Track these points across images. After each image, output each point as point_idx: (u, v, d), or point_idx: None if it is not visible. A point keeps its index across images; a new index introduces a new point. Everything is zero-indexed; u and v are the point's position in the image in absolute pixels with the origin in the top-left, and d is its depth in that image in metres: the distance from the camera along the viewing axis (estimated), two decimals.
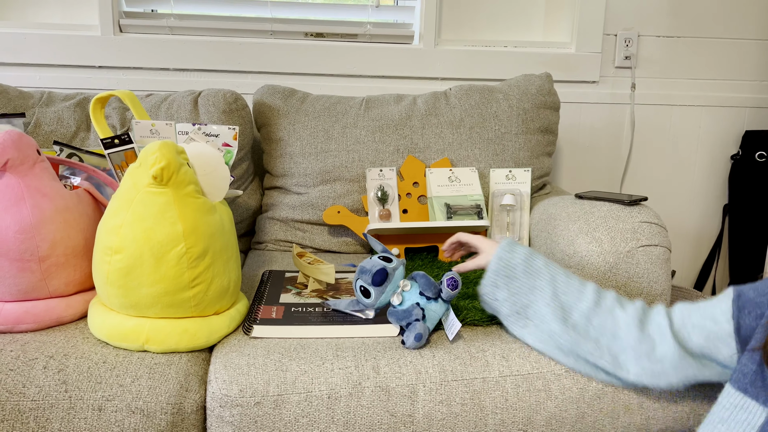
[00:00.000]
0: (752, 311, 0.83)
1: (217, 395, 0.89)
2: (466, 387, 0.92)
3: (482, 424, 0.92)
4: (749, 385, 0.80)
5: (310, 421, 0.90)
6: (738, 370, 0.82)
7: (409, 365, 0.93)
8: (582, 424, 0.94)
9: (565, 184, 1.97)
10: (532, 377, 0.93)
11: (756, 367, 0.79)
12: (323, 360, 0.93)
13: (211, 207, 0.96)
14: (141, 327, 0.93)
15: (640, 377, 0.88)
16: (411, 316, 0.98)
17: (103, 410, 0.87)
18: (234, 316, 1.02)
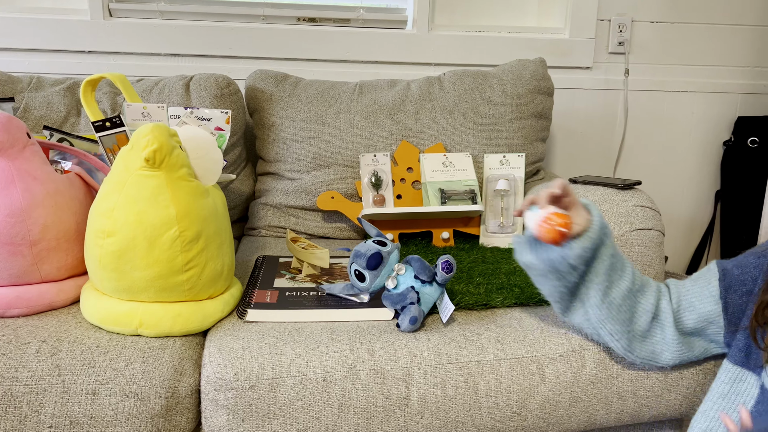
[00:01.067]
0: (738, 289, 0.84)
1: (212, 379, 0.89)
2: (461, 370, 0.92)
3: (476, 406, 0.92)
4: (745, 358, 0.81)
5: (305, 404, 0.90)
6: (735, 346, 0.83)
7: (404, 348, 0.93)
8: (575, 409, 0.94)
9: (559, 170, 1.97)
10: (526, 361, 0.93)
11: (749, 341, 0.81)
12: (318, 343, 0.93)
13: (204, 190, 0.96)
14: (134, 311, 0.92)
15: (643, 359, 0.89)
16: (406, 299, 0.98)
17: (97, 394, 0.86)
18: (228, 301, 1.01)
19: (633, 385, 0.93)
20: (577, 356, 0.93)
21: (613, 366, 0.93)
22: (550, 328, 0.97)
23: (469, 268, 1.22)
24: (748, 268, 0.83)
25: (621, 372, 0.93)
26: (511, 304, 1.05)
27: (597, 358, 0.93)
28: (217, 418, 0.90)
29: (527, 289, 1.08)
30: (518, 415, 0.93)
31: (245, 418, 0.89)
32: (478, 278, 1.15)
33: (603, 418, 0.95)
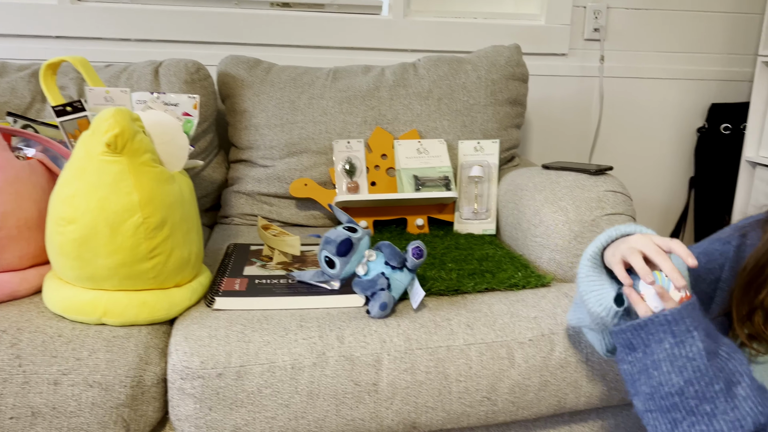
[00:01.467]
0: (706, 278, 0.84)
1: (178, 367, 0.88)
2: (431, 355, 0.92)
3: (446, 391, 0.92)
4: None
5: (274, 392, 0.89)
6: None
7: (373, 334, 0.92)
8: (545, 393, 0.94)
9: (534, 157, 1.97)
10: (496, 345, 0.93)
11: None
12: (287, 330, 0.92)
13: (169, 176, 0.94)
14: (98, 300, 0.90)
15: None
16: (376, 285, 0.97)
17: (59, 384, 0.85)
18: (196, 289, 1.00)
19: (602, 369, 0.94)
20: (546, 341, 0.93)
21: (582, 350, 0.93)
22: (519, 312, 0.97)
23: (442, 254, 1.21)
24: (714, 256, 0.84)
25: (590, 356, 0.93)
26: (482, 289, 1.05)
27: (566, 343, 0.93)
28: (184, 407, 0.89)
29: (498, 275, 1.08)
30: (488, 399, 0.93)
31: (213, 407, 0.88)
32: (450, 264, 1.14)
33: (573, 401, 0.95)
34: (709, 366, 0.64)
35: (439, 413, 0.93)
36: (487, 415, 0.94)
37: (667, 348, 0.66)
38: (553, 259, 1.14)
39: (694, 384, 0.64)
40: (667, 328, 0.66)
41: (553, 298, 1.00)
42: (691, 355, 0.65)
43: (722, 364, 0.65)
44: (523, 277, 1.07)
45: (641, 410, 0.69)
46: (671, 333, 0.66)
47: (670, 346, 0.66)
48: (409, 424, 0.93)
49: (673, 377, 0.65)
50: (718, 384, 0.63)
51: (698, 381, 0.64)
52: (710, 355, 0.64)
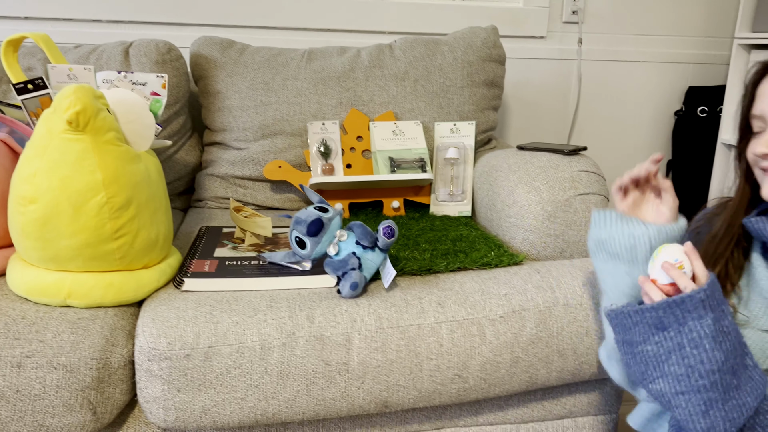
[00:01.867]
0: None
1: (145, 349, 0.86)
2: (402, 334, 0.91)
3: (417, 369, 0.91)
4: None
5: (243, 372, 0.88)
6: None
7: (344, 314, 0.92)
8: (516, 369, 0.94)
9: (512, 140, 1.97)
10: (467, 323, 0.93)
11: None
12: (256, 311, 0.91)
13: (134, 156, 0.92)
14: (62, 281, 0.89)
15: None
16: (347, 265, 0.96)
17: (23, 367, 0.83)
18: (165, 270, 0.98)
19: (573, 343, 0.94)
20: (517, 317, 0.93)
21: (553, 325, 0.93)
22: (491, 290, 0.96)
23: (416, 235, 1.21)
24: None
25: (561, 330, 0.93)
26: (454, 268, 1.05)
27: (537, 318, 0.93)
28: (152, 389, 0.88)
29: (472, 254, 1.08)
30: (459, 377, 0.93)
31: (181, 388, 0.87)
32: (424, 245, 1.14)
33: (544, 377, 0.95)
34: (737, 340, 0.63)
35: (410, 392, 0.92)
36: (458, 392, 0.94)
37: (709, 323, 0.63)
38: (527, 239, 1.14)
39: (730, 359, 0.62)
40: (707, 304, 0.64)
41: (524, 275, 1.00)
42: (727, 330, 0.63)
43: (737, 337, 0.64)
44: (495, 256, 1.07)
45: (669, 392, 0.66)
46: (710, 308, 0.64)
47: (713, 321, 0.63)
48: (381, 404, 0.93)
49: (716, 354, 0.62)
50: (741, 356, 0.63)
51: (734, 355, 0.63)
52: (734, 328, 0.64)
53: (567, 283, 0.97)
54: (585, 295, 0.95)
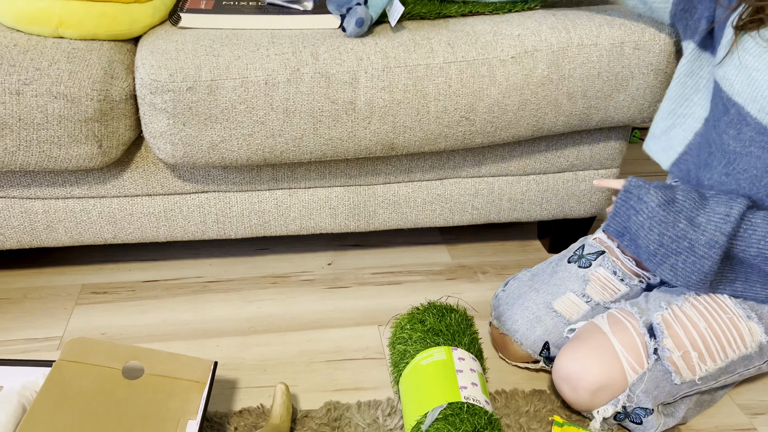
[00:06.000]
0: None
1: (146, 81, 0.84)
2: (409, 73, 0.89)
3: (424, 110, 0.90)
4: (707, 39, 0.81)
5: (248, 108, 0.86)
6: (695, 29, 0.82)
7: (350, 52, 0.88)
8: (524, 112, 0.93)
9: None
10: (477, 63, 0.90)
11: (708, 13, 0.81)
12: (258, 46, 0.87)
13: None
14: (52, 7, 0.83)
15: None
16: (351, 1, 0.90)
17: (21, 94, 0.81)
18: (158, 7, 0.93)
19: (584, 86, 0.92)
20: (529, 57, 0.90)
21: (565, 66, 0.90)
22: (503, 31, 0.92)
23: None
24: None
25: (572, 72, 0.91)
26: (466, 12, 0.99)
27: (550, 59, 0.90)
28: (158, 123, 0.87)
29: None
30: (466, 119, 0.92)
31: (186, 122, 0.86)
32: None
33: (551, 121, 0.95)
34: (667, 214, 0.76)
35: (416, 133, 0.92)
36: (464, 136, 0.94)
37: (633, 219, 0.79)
38: None
39: (665, 234, 0.77)
40: (627, 206, 0.80)
41: (539, 17, 0.95)
42: (651, 214, 0.77)
43: (681, 206, 0.76)
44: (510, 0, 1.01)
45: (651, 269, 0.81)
46: (631, 208, 0.79)
47: (635, 216, 0.79)
48: (387, 145, 0.93)
49: (650, 237, 0.78)
50: (681, 223, 0.76)
51: (666, 230, 0.77)
52: (666, 205, 0.77)
53: (583, 24, 0.92)
54: (601, 35, 0.91)
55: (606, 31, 0.91)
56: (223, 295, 1.08)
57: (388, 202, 1.07)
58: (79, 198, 0.98)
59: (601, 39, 0.91)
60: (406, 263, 1.18)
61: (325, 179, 1.03)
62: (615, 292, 0.90)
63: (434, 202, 1.08)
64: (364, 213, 1.07)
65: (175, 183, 0.99)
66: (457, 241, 1.25)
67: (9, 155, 0.85)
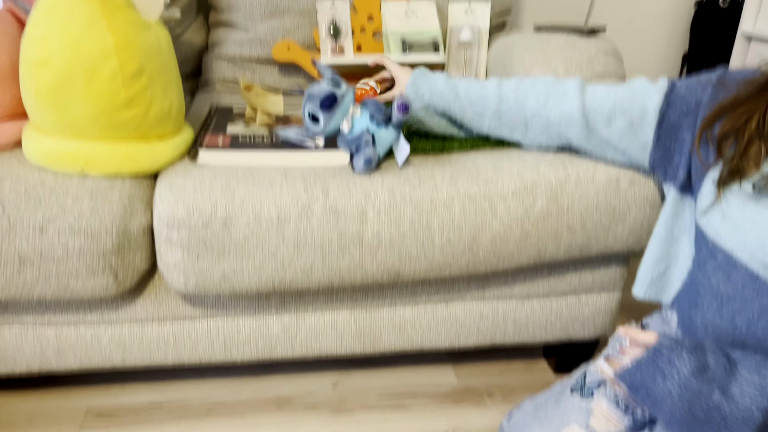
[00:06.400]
0: (679, 107, 0.84)
1: (164, 216, 0.88)
2: (415, 208, 0.93)
3: (429, 242, 0.94)
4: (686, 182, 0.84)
5: (260, 242, 0.90)
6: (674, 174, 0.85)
7: (358, 188, 0.93)
8: (525, 244, 0.97)
9: (527, 20, 1.91)
10: (479, 198, 0.94)
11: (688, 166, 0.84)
12: (272, 183, 0.92)
13: (145, 24, 0.89)
14: (79, 150, 0.89)
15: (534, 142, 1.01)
16: (361, 141, 0.96)
17: (45, 231, 0.85)
18: (178, 144, 0.99)
19: (582, 219, 0.96)
20: (528, 193, 0.94)
21: (563, 201, 0.95)
22: (503, 166, 0.97)
23: None
24: (695, 90, 0.83)
25: (571, 206, 0.95)
26: (467, 148, 1.05)
27: (549, 194, 0.94)
28: (172, 256, 0.90)
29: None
30: (470, 250, 0.95)
31: (200, 255, 0.90)
32: None
33: (552, 252, 0.98)
34: (701, 384, 0.69)
35: (422, 263, 0.95)
36: (468, 265, 0.97)
37: (660, 384, 0.71)
38: None
39: (696, 404, 0.69)
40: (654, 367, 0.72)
41: (537, 153, 1.00)
42: (683, 382, 0.70)
43: (713, 374, 0.69)
44: None
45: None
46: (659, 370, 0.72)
47: (662, 382, 0.71)
48: (393, 273, 0.96)
49: (678, 405, 0.70)
50: (715, 394, 0.68)
51: (698, 401, 0.69)
52: (699, 372, 0.70)
53: (579, 160, 0.97)
54: (597, 171, 0.96)
55: (602, 167, 0.96)
56: (227, 420, 1.08)
57: (394, 325, 1.08)
58: (91, 323, 1.00)
59: (598, 175, 0.96)
60: (412, 384, 1.18)
61: (332, 303, 1.05)
62: (619, 423, 0.89)
63: (439, 325, 1.09)
64: (370, 336, 1.09)
65: (185, 308, 1.01)
66: (462, 360, 1.25)
67: (28, 287, 0.88)
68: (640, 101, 0.88)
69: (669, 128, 0.85)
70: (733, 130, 0.75)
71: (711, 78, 0.83)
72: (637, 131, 0.89)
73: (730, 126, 0.75)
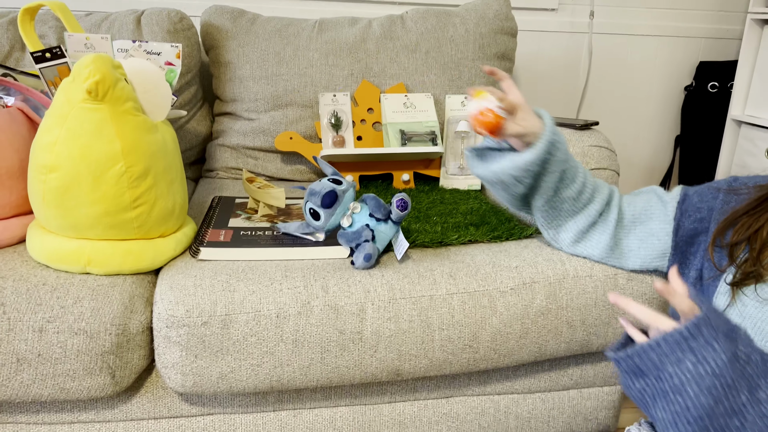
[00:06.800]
0: (692, 215, 0.86)
1: (163, 316, 0.88)
2: (414, 304, 0.93)
3: (429, 339, 0.93)
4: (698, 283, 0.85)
5: (259, 340, 0.90)
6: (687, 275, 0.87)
7: (358, 284, 0.93)
8: (526, 340, 0.96)
9: None
10: (478, 294, 0.94)
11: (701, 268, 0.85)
12: (272, 280, 0.93)
13: (152, 126, 0.93)
14: (82, 249, 0.90)
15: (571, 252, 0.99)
16: (361, 237, 0.97)
17: (44, 331, 0.85)
18: (180, 239, 1.00)
19: (582, 315, 0.96)
20: (527, 289, 0.95)
21: (563, 297, 0.95)
22: (502, 262, 0.98)
23: (427, 208, 1.22)
24: (707, 197, 0.86)
25: (570, 302, 0.95)
26: (465, 241, 1.06)
27: (547, 291, 0.95)
28: (170, 355, 0.90)
29: (482, 227, 1.09)
30: (470, 347, 0.95)
31: (198, 354, 0.89)
32: (435, 218, 1.15)
33: (553, 348, 0.97)
34: (735, 377, 0.57)
35: (422, 361, 0.95)
36: (469, 362, 0.96)
37: (690, 368, 0.58)
38: None
39: (723, 401, 0.57)
40: (686, 346, 0.58)
41: (535, 248, 1.01)
42: (718, 371, 0.57)
43: (742, 368, 0.58)
44: (506, 229, 1.08)
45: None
46: (690, 351, 0.58)
47: (693, 365, 0.58)
48: (393, 371, 0.95)
49: (701, 399, 0.57)
50: (744, 394, 0.57)
51: (727, 397, 0.57)
52: (732, 362, 0.58)
53: (577, 256, 0.98)
54: (595, 267, 0.97)
55: (599, 263, 0.97)
56: None
57: (394, 422, 1.06)
58: (86, 422, 0.98)
59: (596, 270, 0.97)
60: None
61: (330, 399, 1.03)
62: None
63: (440, 422, 1.07)
64: None
65: (182, 406, 0.99)
66: None
67: (24, 388, 0.87)
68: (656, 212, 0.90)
69: (685, 236, 0.87)
70: (744, 237, 0.77)
71: (721, 184, 0.86)
72: (654, 241, 0.91)
73: (742, 234, 0.77)
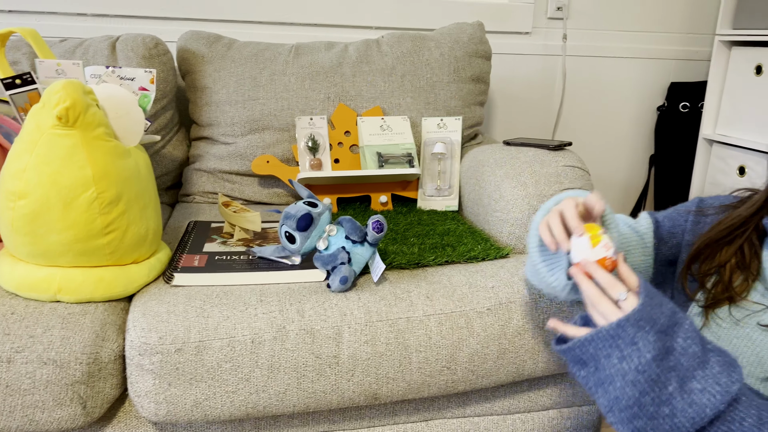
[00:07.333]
0: (668, 241, 0.88)
1: (136, 343, 0.87)
2: (391, 327, 0.92)
3: (407, 362, 0.93)
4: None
5: (234, 366, 0.88)
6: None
7: (334, 308, 0.93)
8: (503, 360, 0.96)
9: (498, 135, 1.99)
10: (455, 316, 0.94)
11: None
12: (246, 305, 0.92)
13: (124, 151, 0.92)
14: (52, 277, 0.89)
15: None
16: (337, 260, 0.97)
17: (12, 362, 0.83)
18: (154, 265, 0.99)
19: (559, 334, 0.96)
20: (504, 309, 0.95)
21: (539, 317, 0.95)
22: (478, 283, 0.98)
23: (404, 230, 1.22)
24: (678, 221, 0.87)
25: (547, 322, 0.95)
26: (442, 262, 1.06)
27: (524, 310, 0.95)
28: (143, 383, 0.88)
29: (459, 248, 1.09)
30: (448, 368, 0.94)
31: (172, 382, 0.88)
32: (412, 239, 1.15)
33: (531, 368, 0.97)
34: (660, 372, 0.63)
35: (400, 384, 0.94)
36: (447, 384, 0.95)
37: (615, 363, 0.65)
38: (513, 233, 1.15)
39: (648, 393, 0.63)
40: (612, 343, 0.65)
41: (511, 267, 1.02)
42: (641, 368, 0.63)
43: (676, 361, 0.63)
44: (482, 249, 1.09)
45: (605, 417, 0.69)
46: (617, 347, 0.65)
47: (618, 361, 0.64)
48: (371, 395, 0.94)
49: (627, 390, 0.64)
50: (671, 385, 0.63)
51: (652, 389, 0.63)
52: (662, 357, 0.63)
53: None
54: None
55: None
56: None
57: None
58: None
59: None
60: None
61: (308, 425, 1.02)
62: None
63: None
64: None
65: None
66: None
67: None
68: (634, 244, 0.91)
69: (665, 261, 0.89)
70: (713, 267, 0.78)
71: (689, 206, 0.88)
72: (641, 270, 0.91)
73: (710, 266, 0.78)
